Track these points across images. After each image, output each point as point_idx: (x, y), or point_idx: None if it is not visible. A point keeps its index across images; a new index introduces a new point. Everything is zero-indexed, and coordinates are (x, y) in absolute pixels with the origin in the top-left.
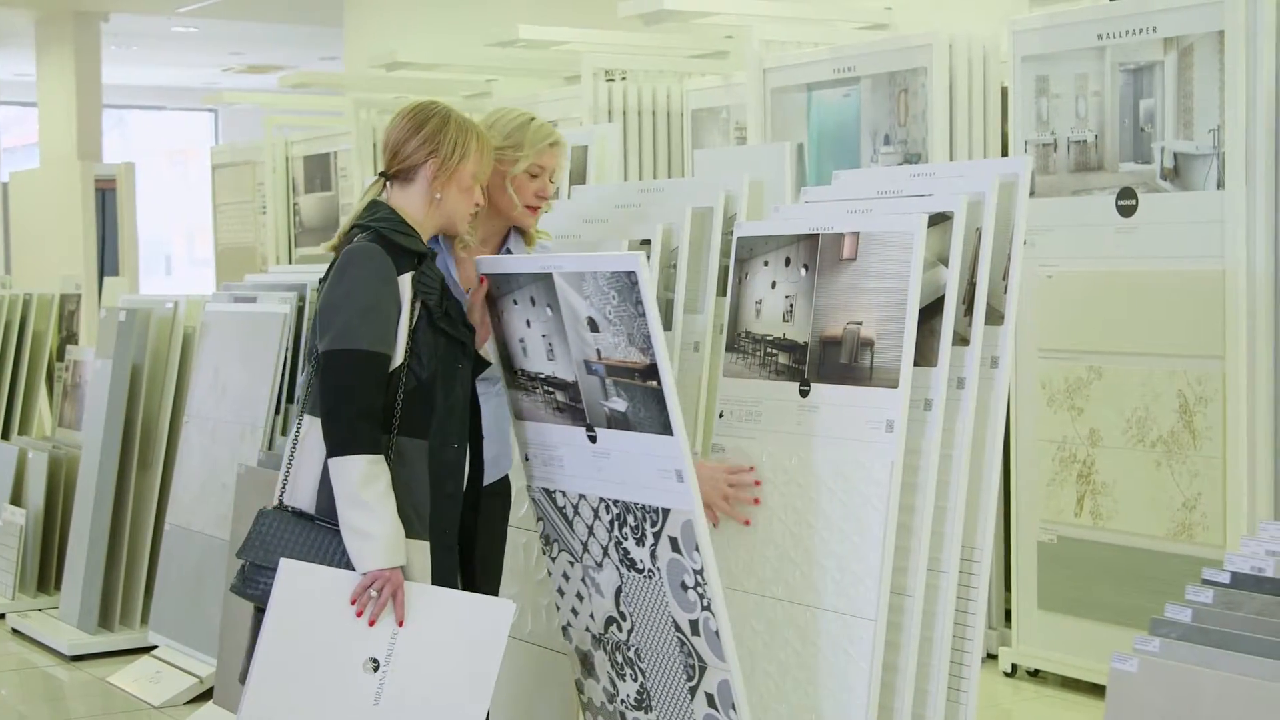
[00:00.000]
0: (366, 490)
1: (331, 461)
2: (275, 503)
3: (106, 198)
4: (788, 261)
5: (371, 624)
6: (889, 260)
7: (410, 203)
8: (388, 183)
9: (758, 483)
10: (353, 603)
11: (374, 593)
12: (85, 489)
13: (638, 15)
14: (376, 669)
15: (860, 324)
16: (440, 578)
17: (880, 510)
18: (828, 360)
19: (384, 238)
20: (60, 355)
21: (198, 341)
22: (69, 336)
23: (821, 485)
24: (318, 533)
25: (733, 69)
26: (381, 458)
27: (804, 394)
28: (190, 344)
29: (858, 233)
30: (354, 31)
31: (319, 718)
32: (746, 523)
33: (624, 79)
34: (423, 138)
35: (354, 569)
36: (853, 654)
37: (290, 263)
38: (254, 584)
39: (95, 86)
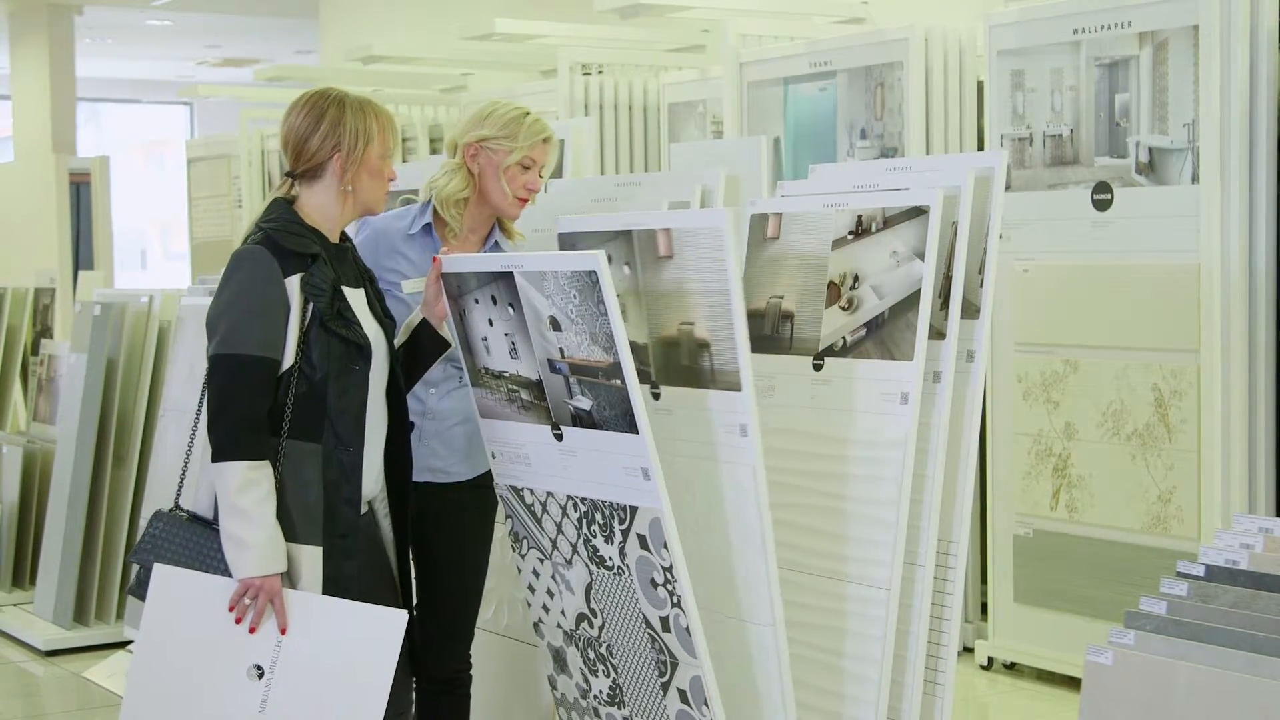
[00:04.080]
0: (243, 497)
1: (213, 467)
2: (172, 505)
3: (81, 191)
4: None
5: (252, 631)
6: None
7: (321, 199)
8: (294, 182)
9: None
10: (231, 609)
11: (247, 600)
12: (60, 483)
13: (614, 9)
14: (261, 676)
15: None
16: (338, 585)
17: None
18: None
19: (271, 240)
20: (35, 349)
21: (173, 335)
22: (43, 330)
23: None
24: (207, 537)
25: (709, 63)
26: (264, 463)
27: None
28: (165, 338)
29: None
30: (330, 25)
31: None
32: None
33: (600, 73)
34: (323, 133)
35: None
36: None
37: None
38: (146, 586)
39: (69, 79)
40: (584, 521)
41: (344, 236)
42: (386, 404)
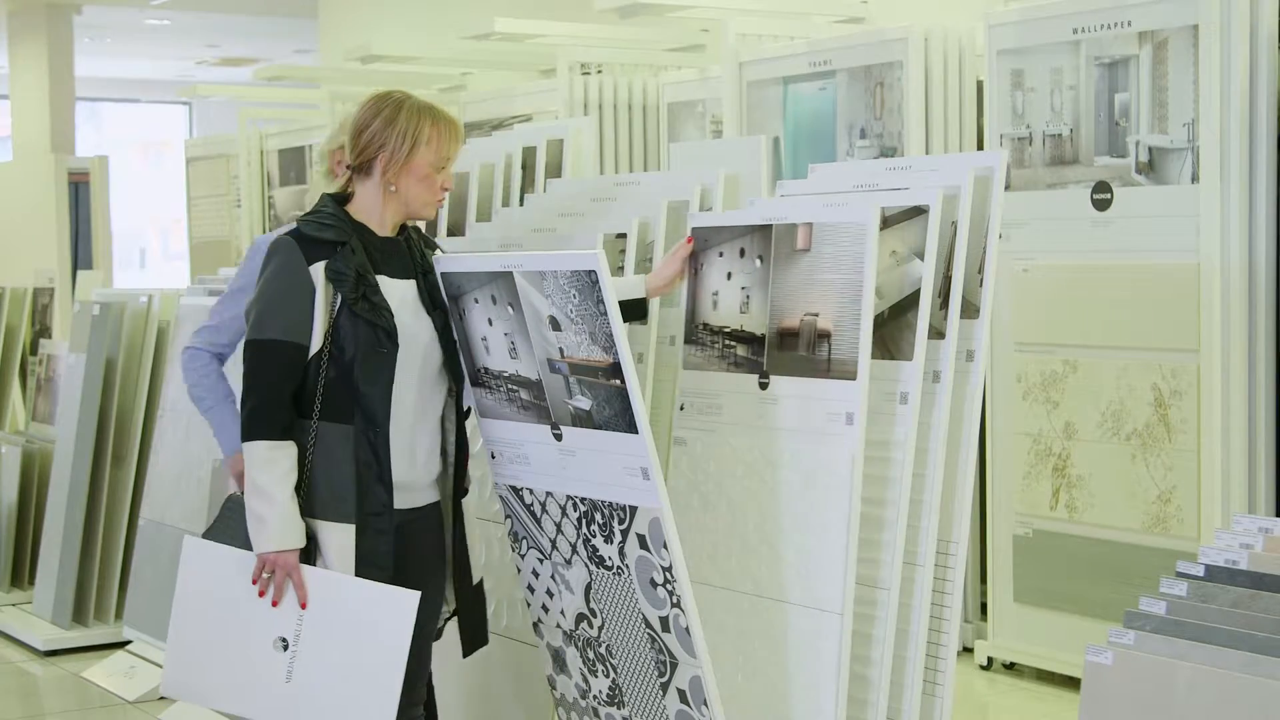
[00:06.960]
0: (262, 474)
1: (242, 447)
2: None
3: (80, 191)
4: (742, 253)
5: (274, 605)
6: (843, 251)
7: (368, 195)
8: (354, 174)
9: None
10: (254, 584)
11: (266, 574)
12: (59, 483)
13: (613, 8)
14: (286, 648)
15: (817, 315)
16: (371, 562)
17: (843, 504)
18: (785, 352)
19: (298, 230)
20: (34, 349)
21: (172, 335)
22: (42, 330)
23: (782, 479)
24: None
25: (708, 62)
26: (285, 443)
27: (763, 386)
28: (164, 338)
29: (810, 224)
30: (329, 24)
31: (234, 690)
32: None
33: (600, 72)
34: (374, 130)
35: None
36: (820, 649)
37: None
38: None
39: (68, 79)
40: (583, 521)
41: (403, 229)
42: (442, 389)
